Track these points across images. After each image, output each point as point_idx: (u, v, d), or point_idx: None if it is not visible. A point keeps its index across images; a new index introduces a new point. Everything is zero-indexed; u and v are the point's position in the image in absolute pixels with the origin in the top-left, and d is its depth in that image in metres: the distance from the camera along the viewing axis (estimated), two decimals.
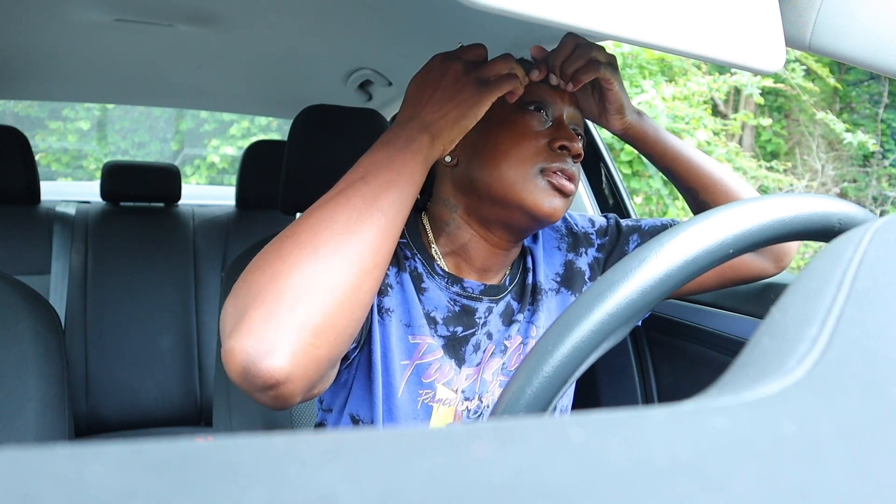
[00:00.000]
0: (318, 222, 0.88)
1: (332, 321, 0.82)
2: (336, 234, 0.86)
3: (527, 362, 0.61)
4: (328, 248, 0.85)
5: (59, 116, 10.49)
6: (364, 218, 0.88)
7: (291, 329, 0.79)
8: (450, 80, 1.00)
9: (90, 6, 1.80)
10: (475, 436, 0.26)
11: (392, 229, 0.91)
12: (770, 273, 1.34)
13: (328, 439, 0.25)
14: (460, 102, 0.99)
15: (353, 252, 0.86)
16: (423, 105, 1.00)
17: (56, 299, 2.88)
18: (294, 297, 0.81)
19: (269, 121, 9.75)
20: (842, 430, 0.27)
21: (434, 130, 0.98)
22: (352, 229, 0.87)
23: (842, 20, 0.88)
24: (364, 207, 0.89)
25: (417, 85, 1.03)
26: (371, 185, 0.91)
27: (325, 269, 0.83)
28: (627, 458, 0.25)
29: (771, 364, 0.34)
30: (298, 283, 0.82)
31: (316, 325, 0.81)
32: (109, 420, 2.78)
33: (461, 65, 1.01)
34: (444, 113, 0.98)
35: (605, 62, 1.14)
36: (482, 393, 1.18)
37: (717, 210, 0.66)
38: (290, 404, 0.84)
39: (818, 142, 8.36)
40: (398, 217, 0.92)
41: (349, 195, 0.90)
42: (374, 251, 0.88)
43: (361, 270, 0.86)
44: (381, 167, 0.93)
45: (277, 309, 0.80)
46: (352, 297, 0.85)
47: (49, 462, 0.22)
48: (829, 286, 0.39)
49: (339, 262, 0.84)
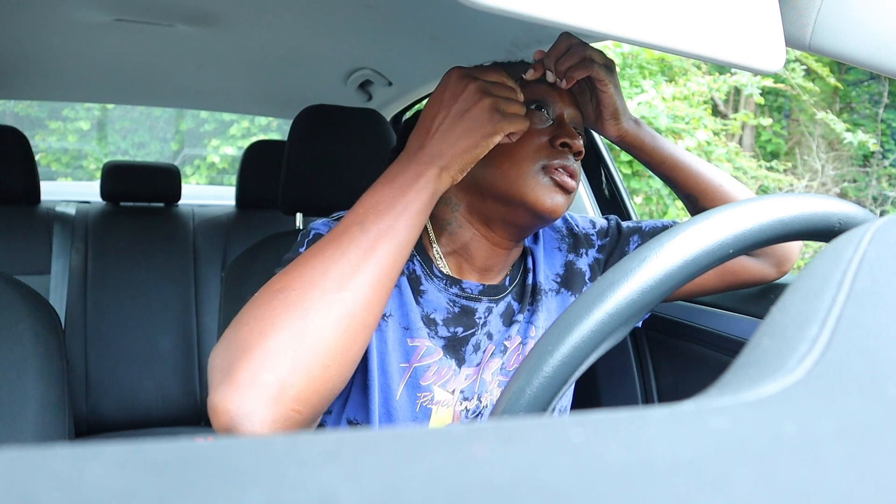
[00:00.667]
0: (310, 280, 0.85)
1: (317, 387, 0.81)
2: (327, 293, 0.84)
3: (527, 362, 0.61)
4: (316, 310, 0.83)
5: (59, 116, 10.49)
6: (358, 273, 0.86)
7: (272, 396, 0.78)
8: (465, 100, 0.96)
9: (90, 6, 1.81)
10: (475, 435, 0.26)
11: (387, 281, 0.89)
12: (771, 277, 1.35)
13: (328, 439, 0.25)
14: (472, 131, 0.95)
15: (343, 313, 0.84)
16: (433, 133, 0.96)
17: (56, 299, 2.88)
18: (279, 360, 0.79)
19: (269, 121, 9.75)
20: (842, 431, 0.27)
21: (443, 162, 0.95)
22: (343, 287, 0.85)
23: (842, 20, 0.88)
24: (359, 262, 0.87)
25: (432, 105, 1.00)
26: (368, 233, 0.89)
27: (313, 332, 0.82)
28: (627, 458, 0.25)
29: (771, 364, 0.34)
30: (284, 346, 0.80)
31: (299, 391, 0.80)
32: (109, 420, 2.78)
33: (478, 85, 0.97)
34: (453, 142, 0.95)
35: (601, 63, 1.14)
36: (481, 393, 1.18)
37: (717, 210, 0.66)
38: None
39: (818, 142, 8.36)
40: (395, 267, 0.90)
41: (345, 247, 0.88)
42: (365, 309, 0.86)
43: (350, 332, 0.84)
44: (383, 210, 0.91)
45: (261, 372, 0.78)
46: (339, 359, 0.83)
47: (49, 462, 0.22)
48: (829, 286, 0.39)
49: (328, 326, 0.83)
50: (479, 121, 0.95)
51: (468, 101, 0.96)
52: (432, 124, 0.97)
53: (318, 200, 1.89)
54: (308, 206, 1.93)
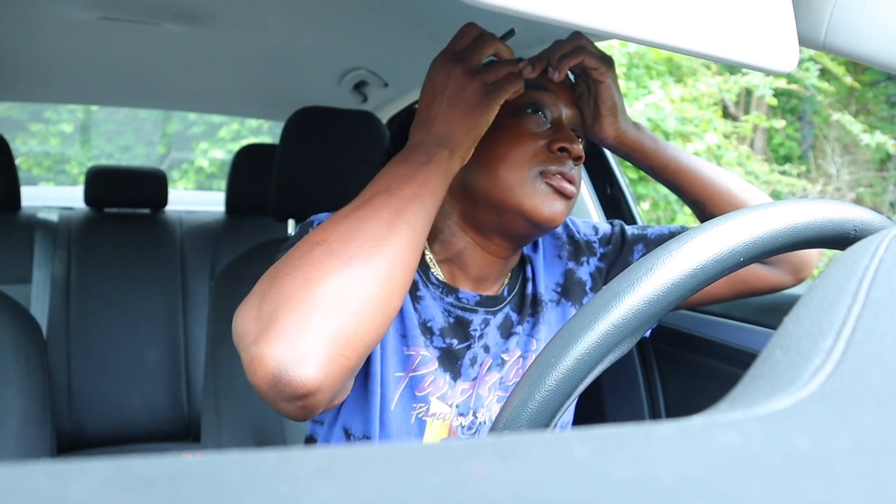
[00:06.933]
0: (349, 231, 0.88)
1: (363, 333, 0.84)
2: (367, 246, 0.87)
3: (528, 375, 0.61)
4: (360, 259, 0.86)
5: (41, 119, 10.48)
6: (393, 231, 0.89)
7: (325, 337, 0.80)
8: (454, 87, 1.00)
9: (73, 4, 1.81)
10: (474, 452, 0.26)
11: (418, 244, 0.92)
12: (787, 285, 1.31)
13: (321, 455, 0.25)
14: (470, 111, 1.00)
15: (384, 265, 0.87)
16: (434, 119, 1.01)
17: (38, 310, 2.88)
18: (327, 305, 0.82)
19: (261, 123, 9.73)
20: (857, 446, 0.27)
21: (451, 144, 0.99)
22: (382, 241, 0.88)
23: (857, 18, 0.88)
24: (392, 220, 0.90)
25: (425, 96, 1.04)
26: (396, 197, 0.92)
27: (358, 279, 0.84)
28: (634, 474, 0.25)
29: (783, 377, 0.34)
30: (332, 291, 0.82)
31: (348, 336, 0.82)
32: (93, 435, 2.78)
33: (462, 69, 1.01)
34: (456, 125, 0.99)
35: (597, 54, 1.13)
36: (477, 408, 1.17)
37: (728, 216, 0.66)
38: (312, 415, 0.85)
39: (833, 145, 8.36)
40: (423, 231, 0.93)
41: (376, 206, 0.91)
42: (403, 265, 0.89)
43: (391, 283, 0.87)
44: (404, 180, 0.94)
45: (311, 316, 0.80)
46: (382, 309, 0.86)
47: (30, 479, 0.22)
48: (844, 296, 0.39)
49: (372, 274, 0.85)
50: (472, 102, 1.00)
51: (458, 87, 1.00)
52: (430, 113, 1.02)
53: (310, 206, 1.88)
54: (300, 212, 1.92)
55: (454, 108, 1.00)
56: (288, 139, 1.85)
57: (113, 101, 3.39)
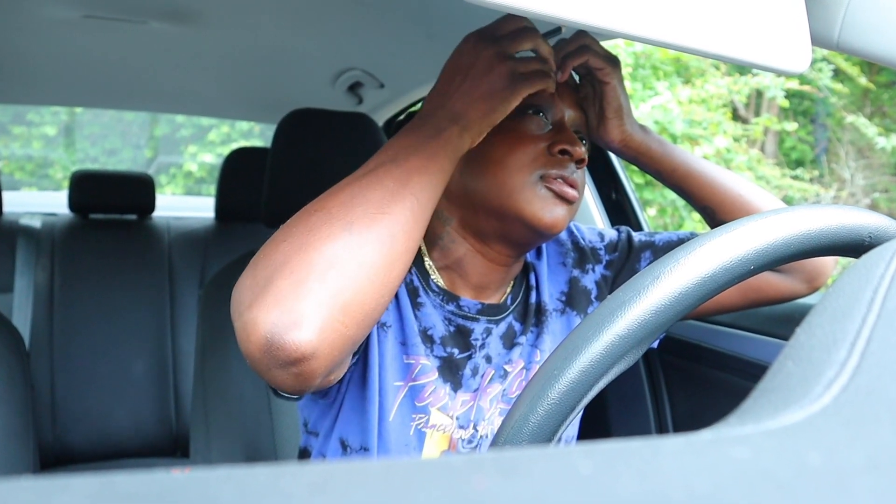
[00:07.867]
0: (351, 198, 0.88)
1: (362, 299, 0.84)
2: (369, 212, 0.87)
3: (531, 388, 0.61)
4: (361, 224, 0.86)
5: (24, 121, 10.48)
6: (397, 199, 0.89)
7: (321, 301, 0.80)
8: (481, 68, 0.99)
9: (56, 2, 1.81)
10: (475, 467, 0.26)
11: (423, 216, 0.92)
12: (801, 294, 1.30)
13: (315, 471, 0.25)
14: (491, 94, 0.99)
15: (386, 232, 0.87)
16: (451, 94, 1.00)
17: (20, 320, 2.88)
18: (325, 268, 0.82)
19: (251, 126, 9.75)
20: (872, 462, 0.27)
21: (463, 122, 0.98)
22: (385, 209, 0.88)
23: (872, 17, 0.88)
24: (397, 189, 0.90)
25: (448, 70, 1.03)
26: (402, 167, 0.92)
27: (358, 245, 0.84)
28: (640, 491, 0.25)
29: (796, 390, 0.34)
30: (330, 255, 0.83)
31: (346, 301, 0.82)
32: (78, 450, 2.77)
33: (494, 51, 1.00)
34: (473, 104, 0.99)
35: (602, 54, 1.13)
36: (477, 421, 1.17)
37: (738, 223, 0.66)
38: (308, 386, 0.84)
39: (847, 148, 8.36)
40: (429, 204, 0.93)
41: (381, 175, 0.91)
42: (406, 234, 0.89)
43: (393, 252, 0.87)
44: (411, 152, 0.94)
45: (307, 279, 0.81)
46: (382, 277, 0.86)
47: (13, 496, 0.22)
48: (858, 305, 0.39)
49: (373, 240, 0.85)
50: (496, 86, 0.99)
51: (485, 67, 0.99)
52: (450, 86, 1.01)
53: None
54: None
55: (476, 88, 0.99)
56: (280, 142, 1.85)
57: (98, 102, 3.40)
